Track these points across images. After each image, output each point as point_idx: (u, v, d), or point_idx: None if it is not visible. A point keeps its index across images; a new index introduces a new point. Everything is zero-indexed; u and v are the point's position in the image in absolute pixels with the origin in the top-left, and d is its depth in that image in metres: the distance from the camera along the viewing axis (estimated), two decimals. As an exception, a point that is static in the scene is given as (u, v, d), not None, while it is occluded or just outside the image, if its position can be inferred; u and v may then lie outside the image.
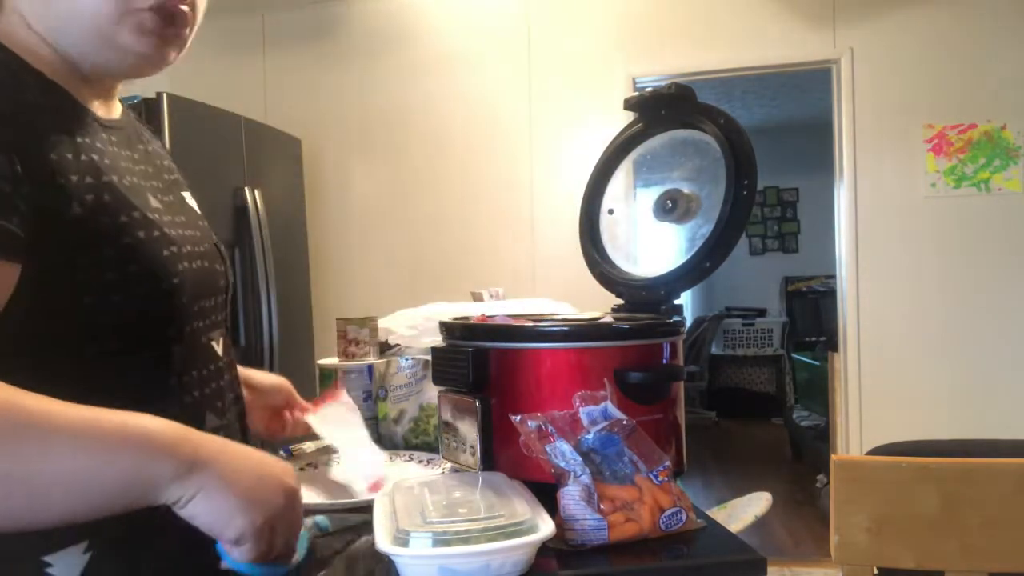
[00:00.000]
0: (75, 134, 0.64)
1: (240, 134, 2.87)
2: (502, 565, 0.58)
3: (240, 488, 0.56)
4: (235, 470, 0.57)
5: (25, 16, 0.65)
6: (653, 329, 0.82)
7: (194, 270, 0.72)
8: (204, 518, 0.55)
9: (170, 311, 0.67)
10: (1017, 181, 3.05)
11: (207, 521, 0.55)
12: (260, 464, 0.59)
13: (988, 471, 1.04)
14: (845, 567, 1.08)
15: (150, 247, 0.66)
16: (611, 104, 3.29)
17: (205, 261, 0.75)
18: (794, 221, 6.79)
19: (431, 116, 3.54)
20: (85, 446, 0.52)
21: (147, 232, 0.67)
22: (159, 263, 0.67)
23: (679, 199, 0.95)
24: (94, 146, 0.66)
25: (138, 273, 0.65)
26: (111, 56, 0.68)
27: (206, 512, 0.55)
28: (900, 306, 3.16)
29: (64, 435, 0.51)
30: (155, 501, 0.54)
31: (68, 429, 0.51)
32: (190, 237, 0.74)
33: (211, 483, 0.55)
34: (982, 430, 2.93)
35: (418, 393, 1.20)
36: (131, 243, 0.65)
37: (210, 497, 0.55)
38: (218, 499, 0.55)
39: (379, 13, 3.59)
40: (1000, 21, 3.06)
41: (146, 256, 0.66)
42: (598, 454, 0.69)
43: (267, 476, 0.58)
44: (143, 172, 0.73)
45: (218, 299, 0.78)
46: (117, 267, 0.63)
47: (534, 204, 3.45)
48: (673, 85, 0.97)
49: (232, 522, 0.55)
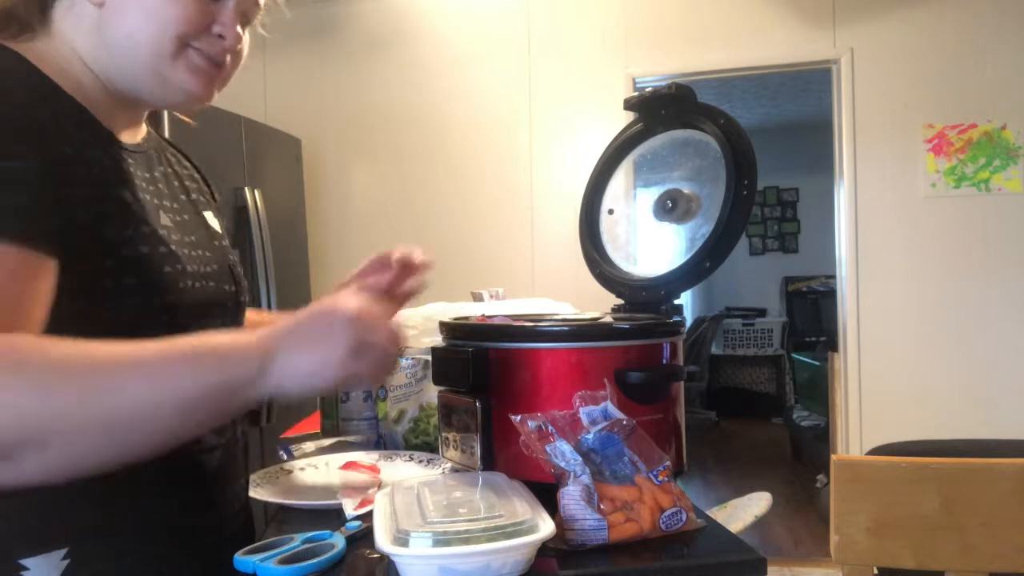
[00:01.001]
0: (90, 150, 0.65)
1: (240, 134, 2.87)
2: (502, 565, 0.58)
3: (315, 349, 0.58)
4: (303, 336, 0.59)
5: (78, 51, 0.68)
6: (653, 329, 0.82)
7: (196, 289, 0.72)
8: (299, 390, 0.58)
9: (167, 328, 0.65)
10: (1017, 181, 3.05)
11: (303, 391, 0.58)
12: (323, 314, 0.60)
13: (988, 471, 1.04)
14: (845, 567, 1.08)
15: (153, 262, 0.67)
16: (611, 104, 3.29)
17: (211, 281, 0.76)
18: (794, 221, 6.79)
19: (431, 116, 3.54)
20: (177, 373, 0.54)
21: (152, 248, 0.68)
22: (158, 279, 0.67)
23: (679, 199, 0.95)
24: (108, 163, 0.67)
25: (135, 286, 0.65)
26: (163, 92, 0.71)
27: (298, 386, 0.58)
28: (900, 306, 3.16)
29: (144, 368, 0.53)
30: (247, 401, 0.57)
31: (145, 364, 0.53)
32: (198, 257, 0.74)
33: (288, 363, 0.57)
34: (982, 430, 2.93)
35: (418, 393, 1.21)
36: (133, 256, 0.65)
37: (295, 374, 0.57)
38: (302, 372, 0.57)
39: (379, 13, 3.59)
40: (1000, 21, 3.06)
41: (145, 270, 0.66)
42: (598, 454, 0.69)
43: (335, 319, 0.59)
44: (157, 191, 0.74)
45: (225, 320, 0.78)
46: (114, 277, 0.64)
47: (534, 204, 3.45)
48: (673, 85, 0.97)
49: (326, 379, 0.58)
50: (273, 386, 0.57)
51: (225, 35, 0.71)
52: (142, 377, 0.53)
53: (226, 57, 0.73)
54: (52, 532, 0.61)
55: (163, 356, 0.54)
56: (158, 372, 0.54)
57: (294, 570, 0.62)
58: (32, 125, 0.60)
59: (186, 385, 0.54)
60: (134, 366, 0.53)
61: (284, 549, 0.65)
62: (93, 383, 0.51)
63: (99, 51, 0.68)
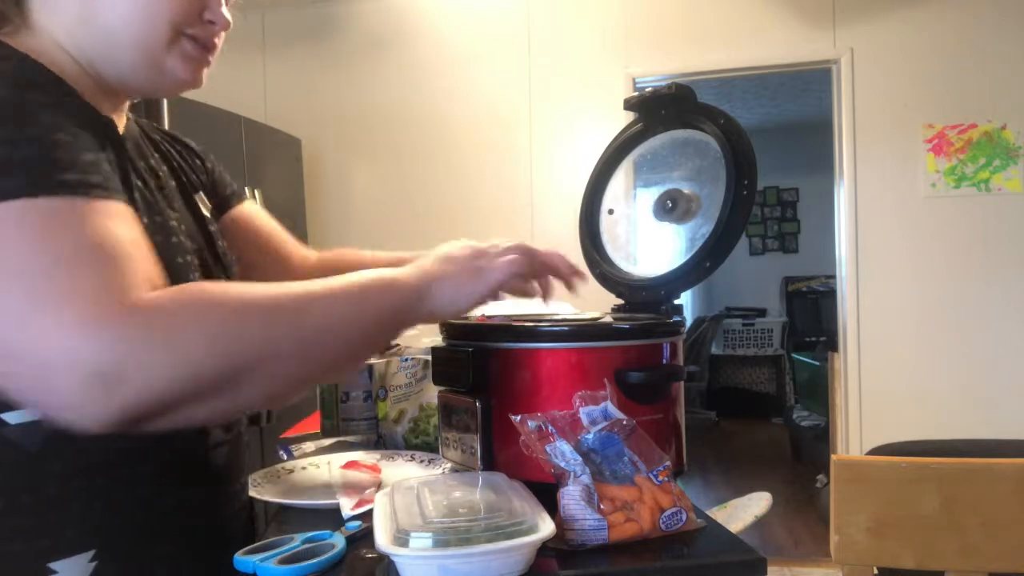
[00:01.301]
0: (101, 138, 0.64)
1: (240, 134, 2.87)
2: (502, 565, 0.58)
3: (464, 273, 0.71)
4: (450, 270, 0.70)
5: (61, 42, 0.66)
6: (653, 329, 0.82)
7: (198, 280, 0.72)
8: (457, 309, 0.70)
9: None
10: (1017, 181, 3.05)
11: (462, 308, 0.70)
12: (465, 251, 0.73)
13: (988, 471, 1.04)
14: (845, 567, 1.08)
15: (165, 253, 0.66)
16: (611, 104, 3.30)
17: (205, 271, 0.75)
18: (794, 221, 6.79)
19: (431, 116, 3.54)
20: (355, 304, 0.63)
21: (164, 238, 0.68)
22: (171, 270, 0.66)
23: (679, 199, 0.95)
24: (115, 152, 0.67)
25: None
26: (153, 79, 0.70)
27: (454, 304, 0.70)
28: (900, 306, 3.16)
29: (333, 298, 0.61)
30: (409, 325, 0.69)
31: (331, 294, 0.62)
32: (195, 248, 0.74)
33: (444, 286, 0.69)
34: (982, 430, 2.93)
35: (418, 393, 1.21)
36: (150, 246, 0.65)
37: (443, 302, 0.69)
38: (446, 299, 0.69)
39: (379, 13, 3.59)
40: (1000, 21, 3.06)
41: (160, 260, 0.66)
42: (598, 454, 0.69)
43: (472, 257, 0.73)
44: (156, 181, 0.74)
45: None
46: None
47: (534, 204, 3.45)
48: (673, 85, 0.97)
49: (477, 294, 0.71)
50: (427, 311, 0.68)
51: (216, 20, 0.71)
52: (331, 304, 0.61)
53: (216, 42, 0.73)
54: (80, 535, 0.61)
55: (344, 287, 0.62)
56: (343, 300, 0.62)
57: (294, 570, 0.62)
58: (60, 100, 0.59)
59: (367, 309, 0.63)
60: (323, 296, 0.61)
61: (284, 549, 0.65)
62: (295, 311, 0.58)
63: (85, 41, 0.66)
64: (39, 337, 0.48)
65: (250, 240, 0.96)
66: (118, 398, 0.49)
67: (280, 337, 0.56)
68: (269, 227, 1.00)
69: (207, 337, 0.52)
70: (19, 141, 0.53)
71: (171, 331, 0.51)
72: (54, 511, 0.60)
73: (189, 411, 0.53)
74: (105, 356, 0.48)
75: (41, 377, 0.49)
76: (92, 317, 0.49)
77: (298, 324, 0.58)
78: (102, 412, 0.49)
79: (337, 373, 0.66)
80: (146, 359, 0.49)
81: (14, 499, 0.59)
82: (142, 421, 0.51)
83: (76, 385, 0.48)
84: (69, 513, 0.61)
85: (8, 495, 0.59)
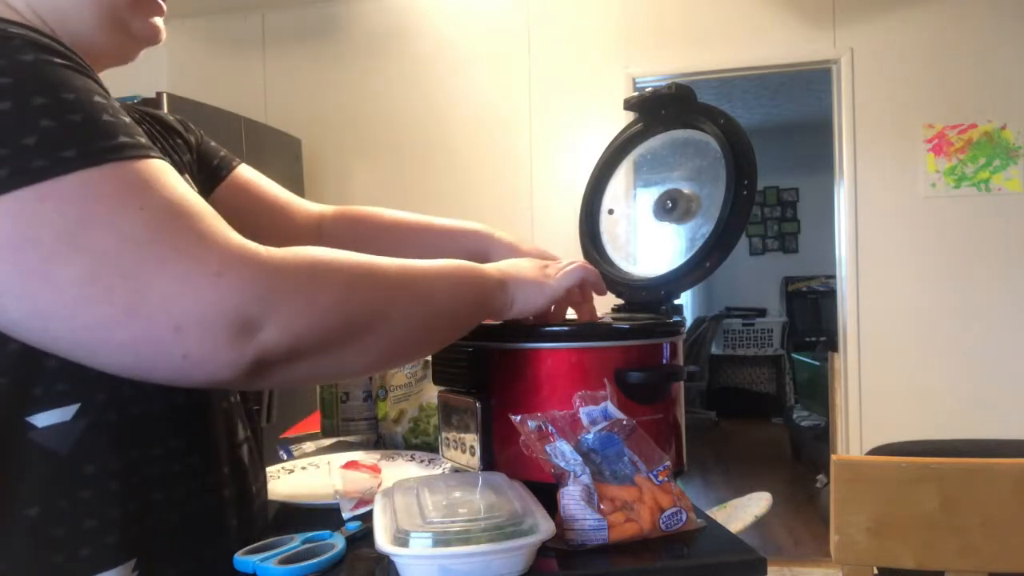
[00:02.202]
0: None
1: (240, 134, 2.88)
2: (502, 565, 0.58)
3: (531, 278, 0.75)
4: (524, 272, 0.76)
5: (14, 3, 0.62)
6: (653, 329, 0.82)
7: None
8: (525, 308, 0.74)
9: None
10: (1017, 181, 3.05)
11: (529, 309, 0.75)
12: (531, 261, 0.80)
13: (988, 471, 1.04)
14: (845, 567, 1.08)
15: None
16: (611, 104, 3.30)
17: None
18: (794, 221, 6.79)
19: (431, 116, 3.54)
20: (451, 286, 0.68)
21: None
22: None
23: (679, 199, 0.95)
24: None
25: None
26: (117, 42, 0.67)
27: (525, 303, 0.74)
28: (900, 306, 3.16)
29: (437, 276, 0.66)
30: (490, 314, 0.73)
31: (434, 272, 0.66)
32: None
33: (520, 285, 0.74)
34: (982, 430, 2.93)
35: (418, 393, 1.21)
36: None
37: (526, 295, 0.74)
38: (528, 292, 0.74)
39: (379, 13, 3.59)
40: (1000, 21, 3.06)
41: None
42: (598, 454, 0.69)
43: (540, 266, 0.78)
44: None
45: None
46: None
47: (534, 204, 3.45)
48: (673, 85, 0.97)
49: (545, 297, 0.75)
50: (502, 306, 0.73)
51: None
52: (435, 280, 0.65)
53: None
54: (120, 541, 0.59)
55: (443, 268, 0.67)
56: (445, 279, 0.67)
57: (294, 570, 0.62)
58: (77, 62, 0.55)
59: (463, 292, 0.69)
60: (426, 273, 0.64)
61: (284, 549, 0.65)
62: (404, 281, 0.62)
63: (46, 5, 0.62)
64: (170, 291, 0.48)
65: (253, 210, 0.93)
66: (257, 344, 0.50)
67: (395, 300, 0.60)
68: (272, 194, 0.98)
69: (337, 290, 0.55)
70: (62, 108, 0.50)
71: (306, 281, 0.53)
72: (92, 517, 0.58)
73: (312, 363, 0.55)
74: (248, 301, 0.49)
75: (171, 334, 0.48)
76: (232, 264, 0.49)
77: (409, 293, 0.62)
78: (238, 359, 0.50)
79: (428, 350, 0.72)
80: (286, 306, 0.51)
81: (50, 506, 0.56)
82: (270, 370, 0.52)
83: (215, 334, 0.48)
84: (107, 518, 0.58)
85: (43, 502, 0.56)
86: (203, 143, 0.90)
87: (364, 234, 1.02)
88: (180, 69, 3.65)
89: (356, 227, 1.02)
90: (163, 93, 2.47)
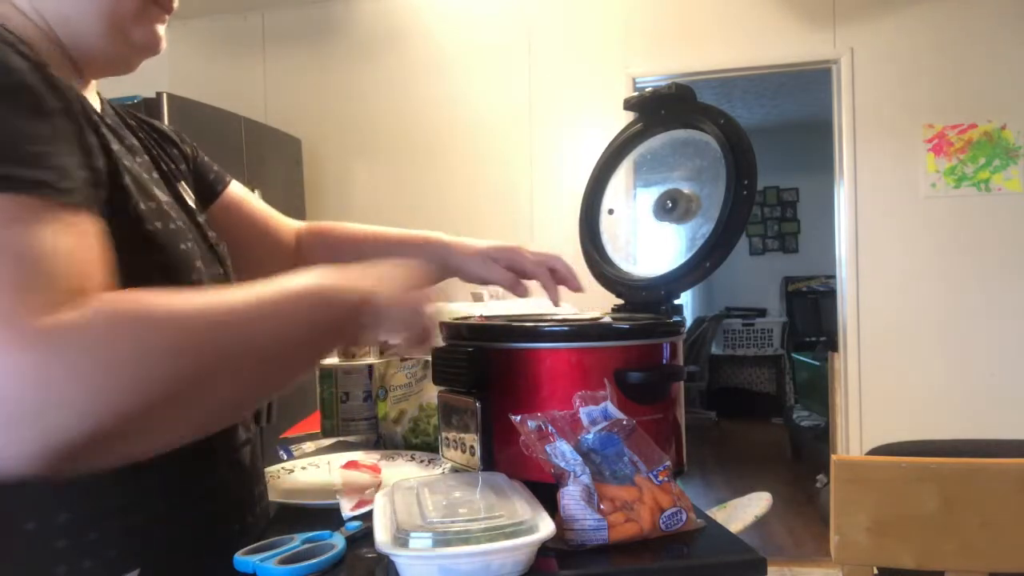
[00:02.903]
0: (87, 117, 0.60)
1: (240, 134, 2.88)
2: (502, 565, 0.58)
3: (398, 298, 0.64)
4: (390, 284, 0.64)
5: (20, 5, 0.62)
6: (653, 329, 0.82)
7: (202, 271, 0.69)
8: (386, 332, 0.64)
9: None
10: (1017, 181, 3.05)
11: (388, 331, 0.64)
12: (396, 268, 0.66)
13: (988, 471, 1.04)
14: (845, 567, 1.08)
15: (169, 238, 0.64)
16: (611, 104, 3.30)
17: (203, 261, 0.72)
18: (794, 221, 6.79)
19: (431, 116, 3.54)
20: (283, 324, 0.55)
21: (164, 223, 0.64)
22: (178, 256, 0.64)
23: (679, 199, 0.95)
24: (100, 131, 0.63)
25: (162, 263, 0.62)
26: (119, 50, 0.67)
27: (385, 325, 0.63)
28: (900, 306, 3.16)
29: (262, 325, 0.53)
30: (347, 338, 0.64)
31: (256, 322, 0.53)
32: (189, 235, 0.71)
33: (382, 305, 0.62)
34: (982, 430, 2.93)
35: (418, 393, 1.20)
36: (152, 231, 0.62)
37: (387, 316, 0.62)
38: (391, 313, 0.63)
39: (379, 13, 3.60)
40: (1000, 21, 3.06)
41: (166, 247, 0.63)
42: (598, 454, 0.69)
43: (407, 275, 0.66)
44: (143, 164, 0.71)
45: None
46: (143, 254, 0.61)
47: (534, 204, 3.45)
48: (673, 85, 0.97)
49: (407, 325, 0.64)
50: (358, 327, 0.61)
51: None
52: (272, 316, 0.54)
53: (174, 3, 0.70)
54: (122, 554, 0.59)
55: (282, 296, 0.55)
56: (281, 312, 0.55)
57: (294, 570, 0.62)
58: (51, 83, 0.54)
59: (302, 321, 0.56)
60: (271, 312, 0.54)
61: (284, 549, 0.65)
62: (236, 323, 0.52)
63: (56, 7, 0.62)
64: None
65: (243, 227, 0.94)
66: (44, 434, 0.42)
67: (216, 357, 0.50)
68: (260, 211, 0.99)
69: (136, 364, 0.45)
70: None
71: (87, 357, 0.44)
72: (93, 529, 0.57)
73: (134, 440, 0.48)
74: (16, 387, 0.41)
75: None
76: (17, 343, 0.41)
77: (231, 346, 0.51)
78: (22, 452, 0.42)
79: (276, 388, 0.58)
80: (72, 391, 0.42)
81: (50, 520, 0.56)
82: (72, 460, 0.44)
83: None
84: (108, 530, 0.58)
85: (41, 516, 0.55)
86: (198, 156, 0.91)
87: (332, 247, 1.02)
88: (180, 69, 3.64)
89: (324, 240, 1.04)
90: (163, 93, 2.47)
